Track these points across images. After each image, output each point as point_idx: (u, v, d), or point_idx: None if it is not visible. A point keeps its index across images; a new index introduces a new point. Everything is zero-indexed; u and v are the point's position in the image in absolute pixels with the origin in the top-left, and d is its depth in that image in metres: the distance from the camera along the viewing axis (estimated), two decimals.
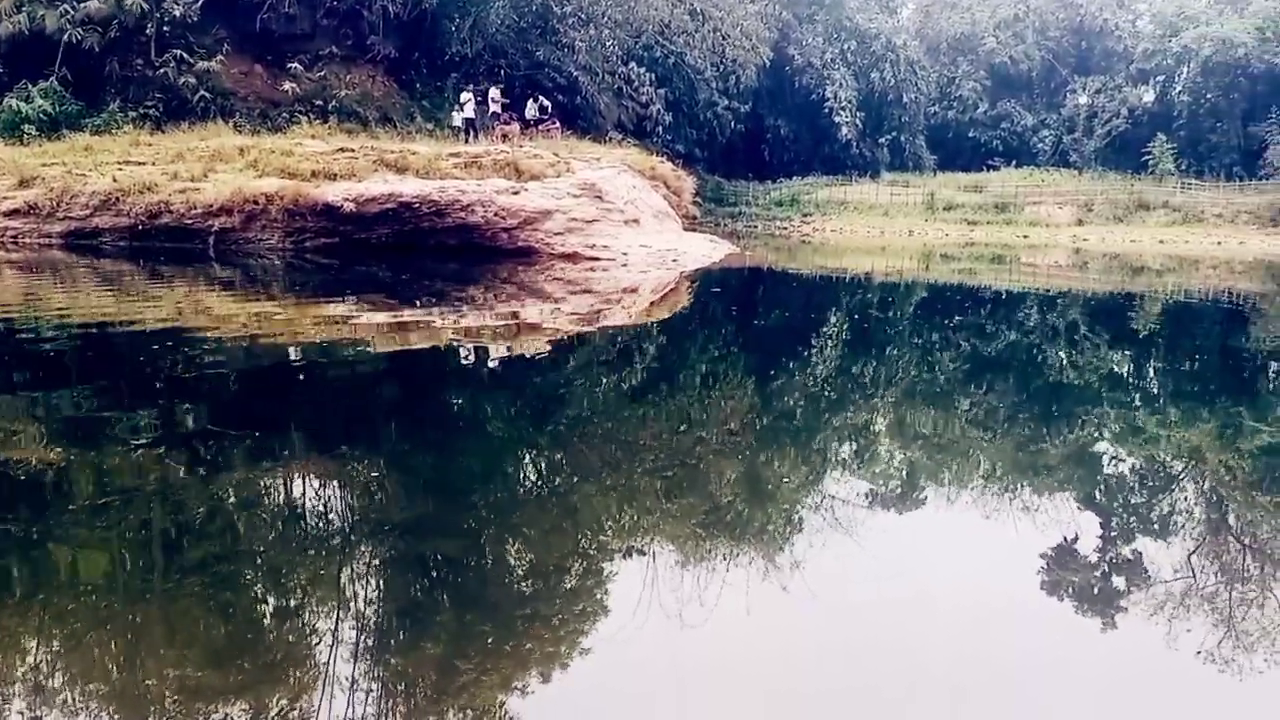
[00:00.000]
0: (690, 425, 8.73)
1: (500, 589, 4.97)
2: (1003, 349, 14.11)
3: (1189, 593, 5.25)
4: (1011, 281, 27.89)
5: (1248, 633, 4.72)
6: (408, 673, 4.05)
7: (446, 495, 6.38)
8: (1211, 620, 4.86)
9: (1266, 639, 4.64)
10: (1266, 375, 12.72)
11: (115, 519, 5.50)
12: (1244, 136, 68.45)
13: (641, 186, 27.95)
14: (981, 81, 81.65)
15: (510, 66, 43.64)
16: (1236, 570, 5.71)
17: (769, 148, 69.05)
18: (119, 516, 5.55)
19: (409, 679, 4.01)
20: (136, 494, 5.99)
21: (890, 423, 9.37)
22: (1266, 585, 5.39)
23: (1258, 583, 5.48)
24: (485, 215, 23.56)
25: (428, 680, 3.97)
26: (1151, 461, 8.29)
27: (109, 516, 5.53)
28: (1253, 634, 4.71)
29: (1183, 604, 5.08)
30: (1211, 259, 40.31)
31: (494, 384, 10.23)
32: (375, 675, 3.99)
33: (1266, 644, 4.59)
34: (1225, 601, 5.15)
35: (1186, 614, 4.93)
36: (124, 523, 5.48)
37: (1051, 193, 61.75)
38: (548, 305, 16.26)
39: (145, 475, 6.32)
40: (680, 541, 5.64)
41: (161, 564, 5.00)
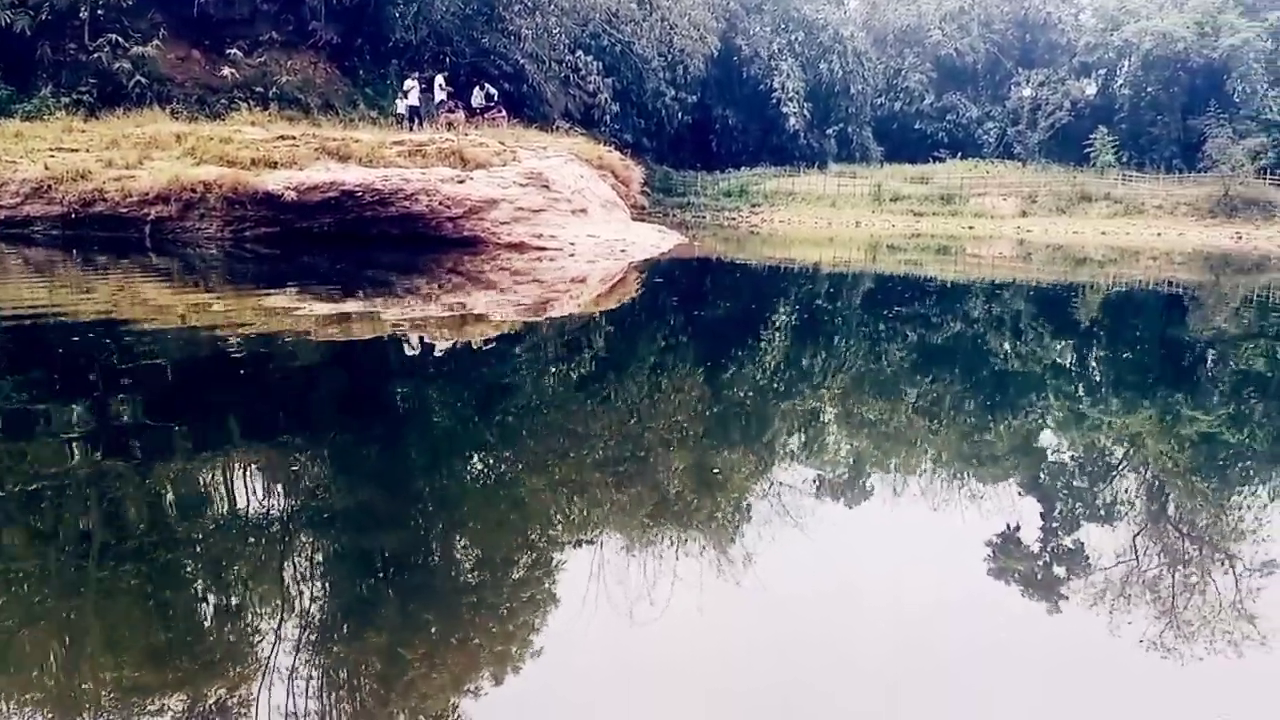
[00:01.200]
0: (639, 416, 8.65)
1: (446, 582, 4.87)
2: (948, 339, 14.19)
3: (1131, 578, 5.28)
4: (957, 273, 28.14)
5: (1189, 621, 4.74)
6: (352, 667, 3.95)
7: (391, 488, 6.25)
8: (1152, 606, 4.88)
9: (1206, 625, 4.67)
10: (1205, 364, 12.89)
11: (46, 512, 5.34)
12: (1183, 129, 69.70)
13: (589, 176, 27.81)
14: (927, 73, 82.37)
15: (455, 54, 43.20)
16: (1177, 555, 5.74)
17: (717, 138, 69.17)
18: (50, 510, 5.38)
19: (353, 673, 3.91)
20: (68, 487, 5.80)
21: (839, 413, 9.36)
22: (1205, 570, 5.43)
23: (1197, 566, 5.52)
24: (430, 204, 23.30)
25: (373, 675, 3.87)
26: (1094, 449, 8.36)
27: (39, 510, 5.36)
28: (1193, 621, 4.73)
29: (1124, 590, 5.10)
30: (1152, 250, 41.00)
31: (439, 375, 10.08)
32: (318, 669, 3.88)
33: (1206, 629, 4.62)
34: (1167, 587, 5.18)
35: (1128, 600, 4.95)
36: (55, 516, 5.32)
37: (996, 184, 62.45)
38: (494, 295, 16.09)
39: (77, 468, 6.13)
40: (629, 533, 5.57)
41: (95, 557, 4.83)
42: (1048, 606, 5.03)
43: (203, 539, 5.22)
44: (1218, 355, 13.54)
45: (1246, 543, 5.93)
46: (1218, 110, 66.44)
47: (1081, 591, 5.14)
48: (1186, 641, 4.50)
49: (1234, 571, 5.39)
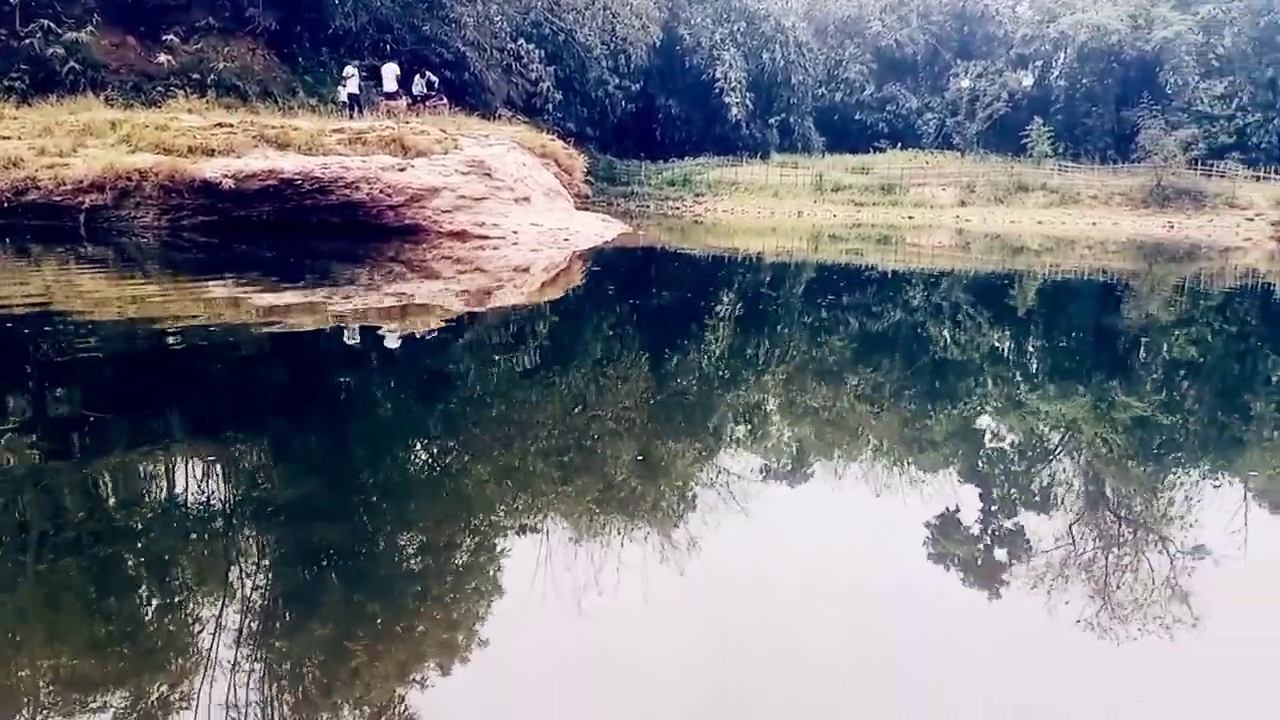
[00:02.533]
0: (585, 404, 8.64)
1: (391, 574, 4.83)
2: (889, 328, 14.34)
3: (1069, 561, 5.38)
4: (898, 262, 28.42)
5: (1122, 603, 4.85)
6: (295, 659, 3.91)
7: (334, 479, 6.19)
8: (1089, 588, 4.98)
9: (1140, 606, 4.78)
10: (1138, 351, 13.15)
11: None
12: (1117, 120, 71.07)
13: (532, 164, 27.68)
14: (868, 64, 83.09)
15: (396, 42, 42.74)
16: (1112, 537, 5.86)
17: (660, 127, 69.19)
18: None
19: (296, 665, 3.87)
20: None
21: (782, 400, 9.43)
22: (1140, 551, 5.55)
23: (1132, 548, 5.64)
24: (371, 192, 23.05)
25: (316, 666, 3.85)
26: (1032, 435, 8.50)
27: None
28: (1127, 603, 4.84)
29: (1062, 573, 5.20)
30: (1087, 239, 41.70)
31: (382, 365, 9.99)
32: (261, 663, 3.84)
33: (1141, 610, 4.73)
34: (1102, 569, 5.29)
35: (1066, 582, 5.05)
36: None
37: (935, 174, 63.15)
38: (437, 284, 15.97)
39: (10, 461, 5.99)
40: (575, 521, 5.57)
41: (33, 552, 4.73)
42: (988, 590, 5.11)
43: (141, 533, 5.13)
44: (1151, 342, 13.82)
45: (1178, 525, 6.07)
46: (1150, 102, 67.80)
47: (1021, 575, 5.24)
48: (1121, 622, 4.61)
49: (1168, 553, 5.52)
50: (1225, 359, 12.82)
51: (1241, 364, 12.51)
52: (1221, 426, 8.98)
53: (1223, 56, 70.68)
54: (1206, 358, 12.77)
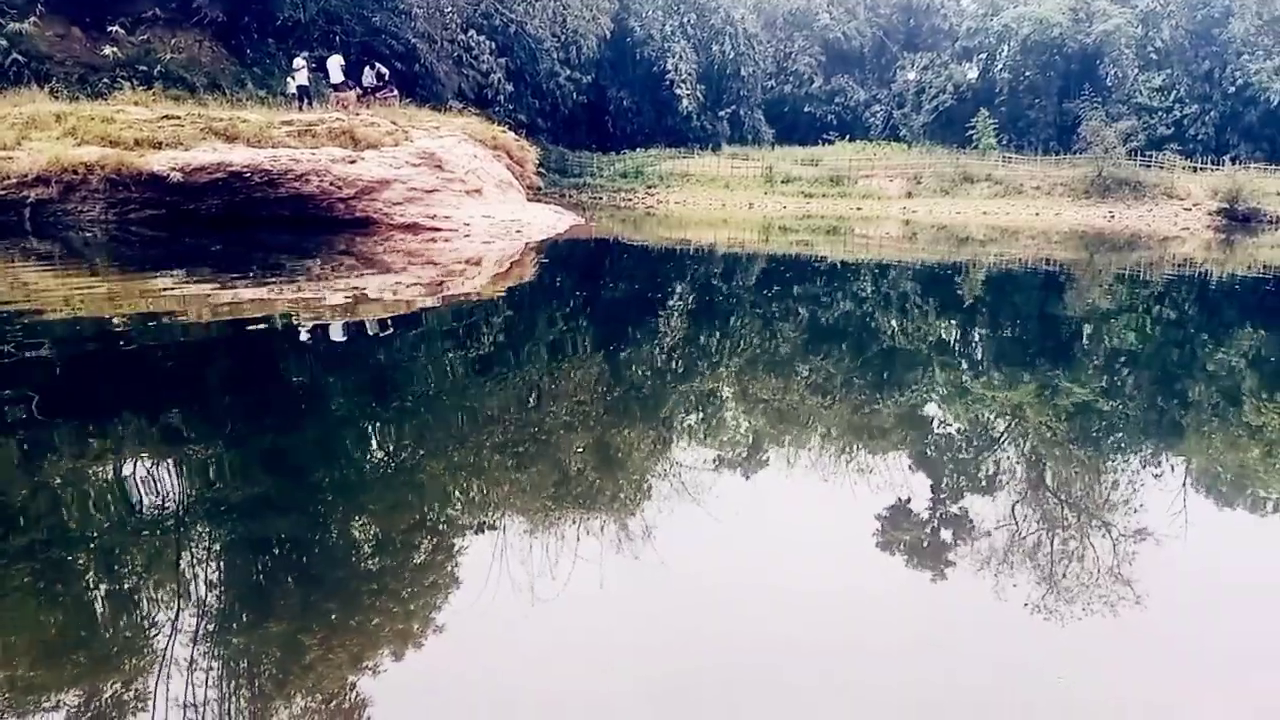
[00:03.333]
0: (539, 397, 8.69)
1: (345, 569, 4.86)
2: (839, 318, 14.52)
3: (1014, 545, 5.54)
4: (847, 253, 28.68)
5: (1068, 586, 5.00)
6: (250, 656, 3.93)
7: (287, 474, 6.21)
8: (1034, 570, 5.13)
9: (1084, 587, 4.93)
10: (1081, 338, 13.43)
11: None
12: (1059, 112, 72.10)
13: (483, 156, 27.59)
14: (816, 57, 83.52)
15: (346, 33, 42.34)
16: (1056, 521, 6.03)
17: (612, 119, 69.08)
18: None
19: (252, 662, 3.89)
20: None
21: (735, 391, 9.53)
22: (1084, 534, 5.72)
23: (1075, 531, 5.81)
24: (320, 185, 22.89)
25: (272, 663, 3.87)
26: (978, 422, 8.68)
27: None
28: (1071, 585, 4.99)
29: (1007, 557, 5.35)
30: (1030, 229, 42.31)
31: (334, 358, 9.97)
32: (216, 660, 3.86)
33: (1085, 591, 4.88)
34: (1046, 552, 5.44)
35: (1011, 566, 5.20)
36: None
37: (883, 166, 63.65)
38: (388, 277, 15.92)
39: None
40: (530, 514, 5.61)
41: None
42: (934, 574, 5.24)
43: (92, 530, 5.13)
44: (1093, 330, 14.11)
45: (1119, 508, 6.26)
46: (1091, 94, 68.82)
47: (968, 559, 5.38)
48: (1066, 603, 4.75)
49: (1110, 535, 5.69)
50: (1165, 346, 13.14)
51: (1180, 350, 12.82)
52: (1161, 411, 9.23)
53: (1161, 50, 72.02)
54: (1146, 345, 13.08)
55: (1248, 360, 11.92)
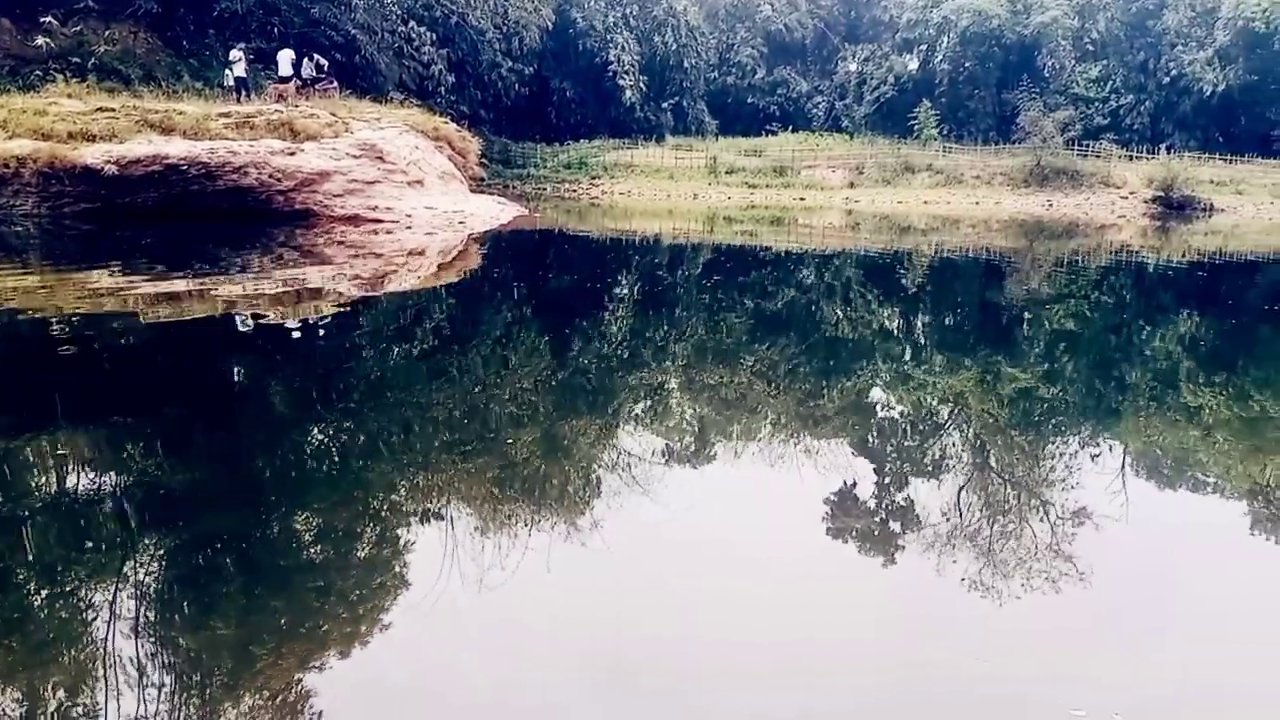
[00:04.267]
0: (485, 389, 8.63)
1: (292, 567, 4.80)
2: (785, 307, 14.57)
3: (958, 529, 5.59)
4: (791, 243, 28.80)
5: (1007, 563, 5.06)
6: (197, 658, 3.87)
7: (230, 471, 6.11)
8: (977, 554, 5.19)
9: (1024, 568, 5.00)
10: (1021, 325, 13.61)
11: None
12: (998, 103, 73.07)
13: (425, 147, 27.36)
14: (759, 48, 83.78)
15: (284, 24, 41.72)
16: (1000, 504, 6.10)
17: (555, 110, 68.80)
18: None
19: (199, 665, 3.83)
20: None
21: (682, 380, 9.53)
22: (1024, 518, 5.79)
23: (1017, 513, 5.88)
24: (259, 177, 22.56)
25: (220, 665, 3.81)
26: (922, 408, 8.76)
27: None
28: (1011, 564, 5.05)
29: (950, 541, 5.40)
30: (971, 218, 42.79)
31: (275, 352, 9.83)
32: (162, 662, 3.80)
33: (1024, 572, 4.94)
34: (988, 536, 5.50)
35: (954, 550, 5.25)
36: None
37: (825, 157, 64.05)
38: (330, 269, 15.71)
39: None
40: (479, 507, 5.58)
41: None
42: (883, 559, 5.28)
43: (31, 529, 5.01)
44: (1033, 316, 14.31)
45: (1059, 490, 6.35)
46: (1029, 85, 69.85)
47: (915, 543, 5.43)
48: (1007, 582, 4.81)
49: (1049, 518, 5.77)
50: (1103, 332, 13.35)
51: (1117, 335, 13.04)
52: (1099, 395, 9.37)
53: (1097, 41, 73.22)
54: (1085, 330, 13.29)
55: (1183, 345, 12.15)
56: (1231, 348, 12.35)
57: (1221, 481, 6.77)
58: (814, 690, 3.75)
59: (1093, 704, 3.65)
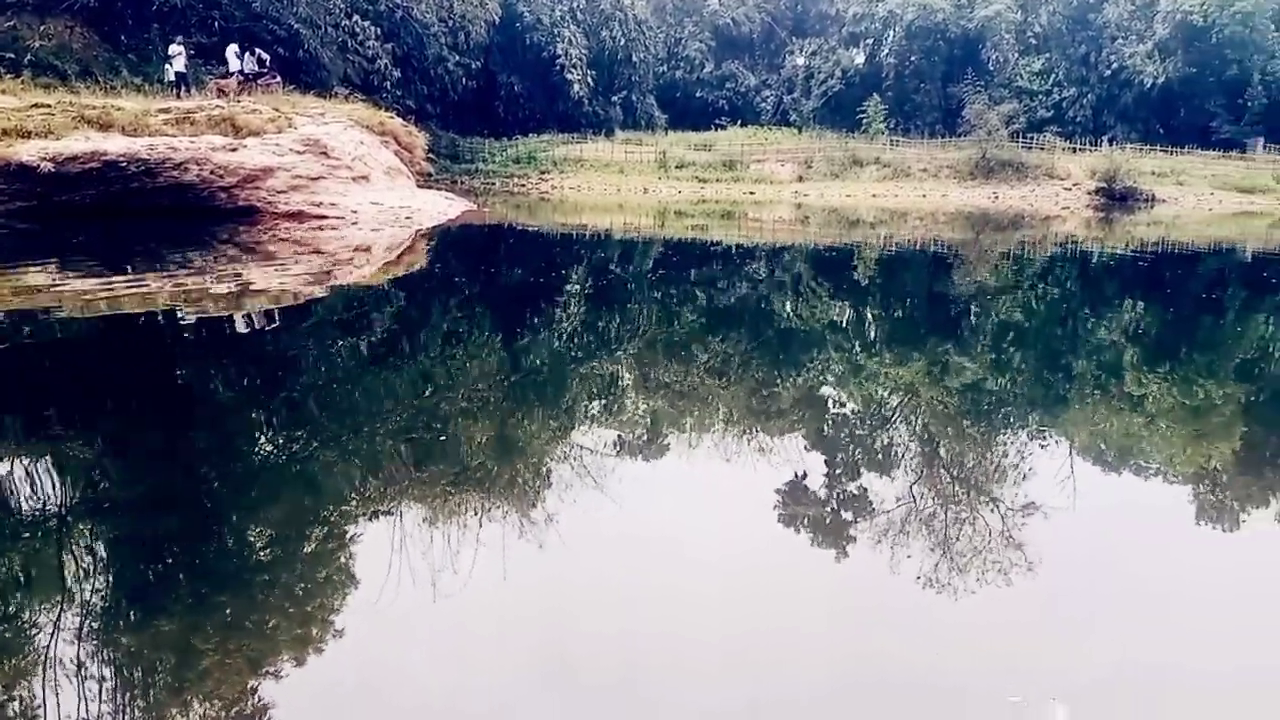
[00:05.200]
0: (434, 386, 8.53)
1: (240, 569, 4.69)
2: (736, 301, 14.57)
3: (905, 521, 5.58)
4: (742, 236, 28.85)
5: (955, 553, 5.06)
6: (143, 662, 3.78)
7: (175, 471, 5.96)
8: (925, 545, 5.18)
9: (971, 558, 5.00)
10: (969, 316, 13.70)
11: None
12: (944, 96, 73.71)
13: (370, 142, 27.04)
14: (706, 42, 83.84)
15: (225, 18, 41.00)
16: (950, 494, 6.10)
17: (503, 104, 68.37)
18: None
19: (145, 669, 3.74)
20: None
21: (634, 375, 9.48)
22: (974, 508, 5.79)
23: (968, 502, 5.88)
24: (201, 173, 22.14)
25: (166, 668, 3.72)
26: (872, 400, 8.77)
27: None
28: (958, 554, 5.05)
29: (904, 529, 5.39)
30: (919, 211, 43.14)
31: (219, 352, 9.62)
32: (109, 666, 3.71)
33: (971, 562, 4.94)
34: (937, 527, 5.50)
35: (902, 541, 5.24)
36: None
37: (774, 151, 64.22)
38: (274, 266, 15.46)
39: None
40: (430, 504, 5.50)
41: None
42: (832, 552, 5.26)
43: None
44: (980, 308, 14.41)
45: (1008, 480, 6.37)
46: (974, 78, 70.45)
47: (866, 532, 5.42)
48: (954, 573, 4.81)
49: (999, 508, 5.77)
50: (1050, 322, 13.47)
51: (1063, 326, 13.17)
52: (1047, 385, 9.44)
53: (1039, 34, 74.16)
54: (1032, 320, 13.40)
55: (1127, 335, 12.28)
56: (1174, 336, 12.52)
57: (1165, 468, 6.85)
58: (760, 683, 3.72)
59: (1031, 690, 3.67)
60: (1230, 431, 7.82)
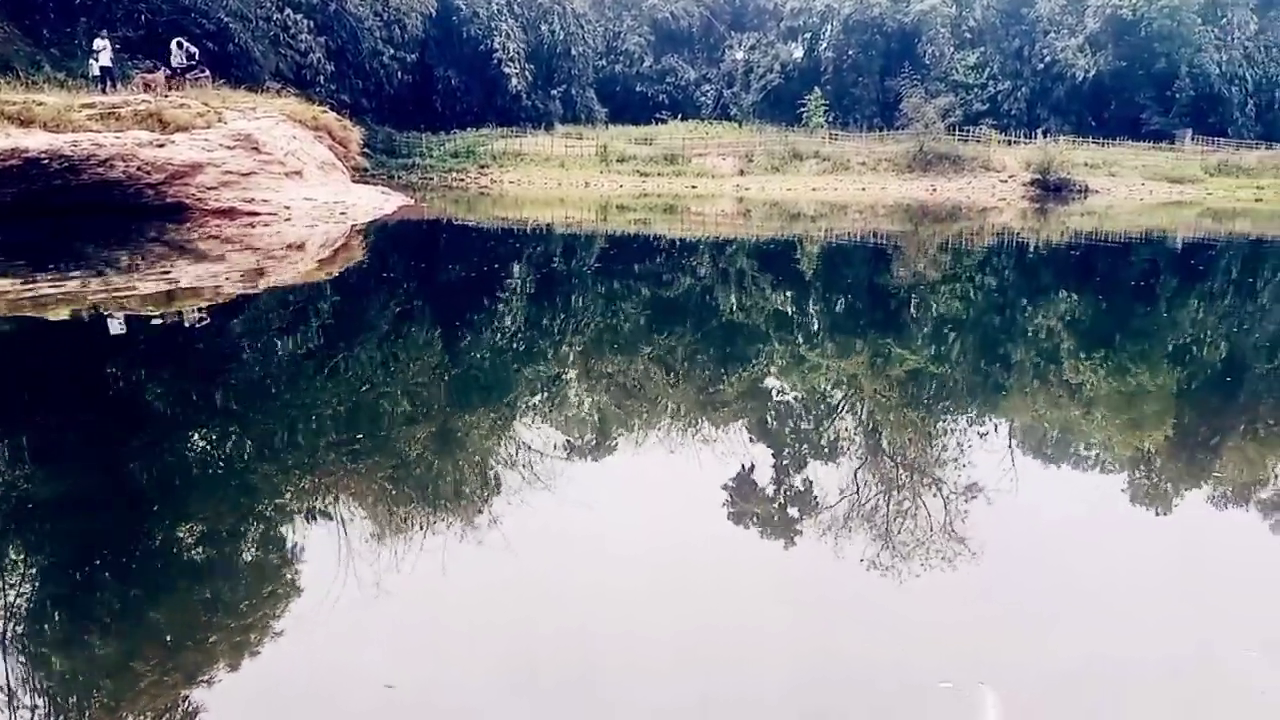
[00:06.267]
0: (373, 385, 8.32)
1: (178, 576, 4.52)
2: (680, 295, 14.48)
3: (854, 510, 5.52)
4: (685, 230, 28.82)
5: (896, 543, 5.01)
6: (77, 675, 3.64)
7: (106, 478, 5.73)
8: (868, 535, 5.13)
9: (911, 548, 4.95)
10: (909, 307, 13.73)
11: None
12: (882, 90, 74.39)
13: (304, 137, 26.59)
14: (646, 36, 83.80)
15: (151, 11, 40.13)
16: (894, 483, 6.06)
17: (440, 98, 67.74)
18: None
19: (79, 682, 3.60)
20: None
21: (579, 371, 9.36)
22: (918, 497, 5.74)
23: (911, 491, 5.83)
24: (128, 170, 21.59)
25: (101, 681, 3.57)
26: (815, 393, 8.72)
27: None
28: (899, 544, 5.00)
29: (851, 521, 5.33)
30: (858, 204, 43.43)
31: (150, 353, 9.35)
32: (39, 680, 3.57)
33: (911, 552, 4.89)
34: (883, 514, 5.44)
35: (856, 529, 5.18)
36: None
37: (715, 145, 64.36)
38: (205, 265, 15.07)
39: None
40: (371, 505, 5.37)
41: None
42: (779, 545, 5.18)
43: None
44: (920, 299, 14.45)
45: (949, 468, 6.33)
46: (911, 72, 71.18)
47: (813, 525, 5.35)
48: (908, 561, 4.75)
49: (941, 496, 5.73)
50: (987, 312, 13.55)
51: (1001, 315, 13.24)
52: (986, 374, 9.46)
53: (974, 29, 75.10)
54: (970, 311, 13.46)
55: (1063, 323, 12.37)
56: (1108, 325, 12.63)
57: (1102, 453, 6.89)
58: (712, 678, 3.66)
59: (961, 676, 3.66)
60: (1163, 416, 7.89)
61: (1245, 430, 7.62)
